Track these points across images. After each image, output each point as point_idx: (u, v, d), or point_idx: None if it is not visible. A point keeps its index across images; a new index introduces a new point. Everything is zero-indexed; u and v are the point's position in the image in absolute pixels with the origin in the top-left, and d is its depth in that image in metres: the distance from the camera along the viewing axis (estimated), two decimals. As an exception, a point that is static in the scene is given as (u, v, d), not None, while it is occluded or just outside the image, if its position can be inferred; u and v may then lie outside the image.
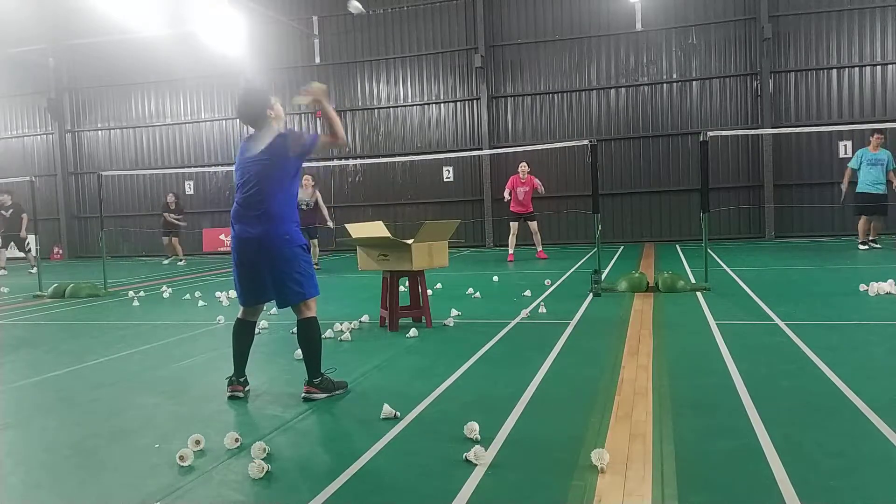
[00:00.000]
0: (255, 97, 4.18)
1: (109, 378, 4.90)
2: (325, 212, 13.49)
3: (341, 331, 6.17)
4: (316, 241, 13.45)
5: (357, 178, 20.21)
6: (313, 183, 13.29)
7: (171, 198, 17.66)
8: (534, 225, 13.79)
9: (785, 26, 17.24)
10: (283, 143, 4.06)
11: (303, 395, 4.09)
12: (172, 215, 17.47)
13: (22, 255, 16.82)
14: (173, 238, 17.52)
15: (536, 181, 13.53)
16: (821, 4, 17.01)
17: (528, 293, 8.37)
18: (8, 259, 16.63)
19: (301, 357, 4.28)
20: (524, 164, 13.53)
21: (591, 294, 8.04)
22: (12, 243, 16.17)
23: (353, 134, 20.19)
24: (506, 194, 13.62)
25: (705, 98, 17.83)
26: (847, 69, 17.02)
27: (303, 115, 20.39)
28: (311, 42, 20.19)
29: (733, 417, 3.42)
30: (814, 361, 4.49)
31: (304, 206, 12.77)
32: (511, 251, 13.93)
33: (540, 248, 13.97)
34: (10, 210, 15.99)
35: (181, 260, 17.47)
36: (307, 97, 4.17)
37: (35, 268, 15.76)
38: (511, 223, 13.85)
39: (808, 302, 7.05)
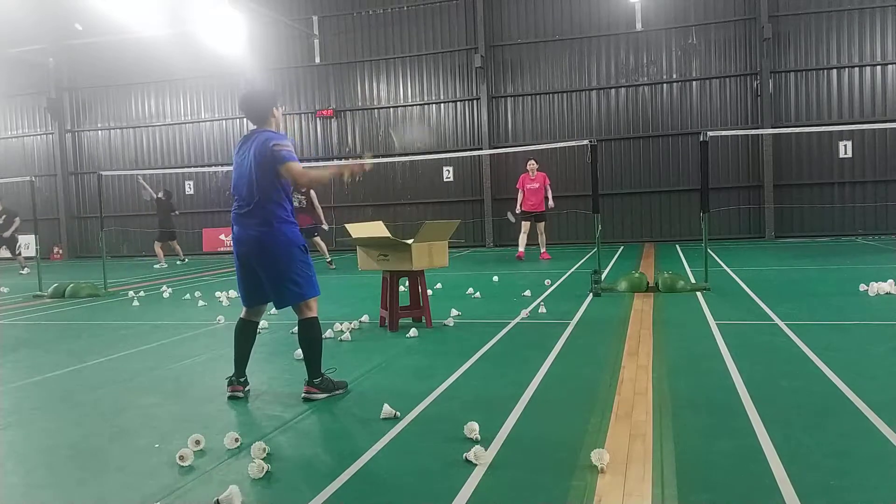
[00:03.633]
0: (261, 97, 4.19)
1: (109, 378, 4.90)
2: (321, 212, 13.38)
3: (341, 331, 6.17)
4: (318, 238, 13.40)
5: (357, 178, 20.20)
6: None
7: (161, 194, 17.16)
8: (541, 226, 13.62)
9: (785, 26, 17.25)
10: (270, 145, 3.98)
11: (303, 395, 4.08)
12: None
13: (10, 256, 16.74)
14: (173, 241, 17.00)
15: (548, 180, 13.41)
16: (821, 4, 17.02)
17: (528, 293, 8.36)
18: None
19: (301, 357, 4.28)
20: (533, 160, 13.37)
21: (591, 294, 8.03)
22: (4, 246, 16.14)
23: (353, 134, 20.20)
24: (518, 200, 13.43)
25: (705, 98, 17.84)
26: (847, 69, 17.03)
27: (302, 114, 20.39)
28: (311, 42, 20.19)
29: (733, 417, 3.42)
30: (814, 361, 4.49)
31: (295, 203, 12.76)
32: (521, 248, 13.74)
33: (544, 249, 13.90)
34: (3, 216, 15.96)
35: (182, 259, 17.40)
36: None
37: (26, 268, 15.80)
38: (522, 222, 13.59)
39: (808, 302, 7.05)
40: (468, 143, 19.26)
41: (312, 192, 13.34)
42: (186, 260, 17.44)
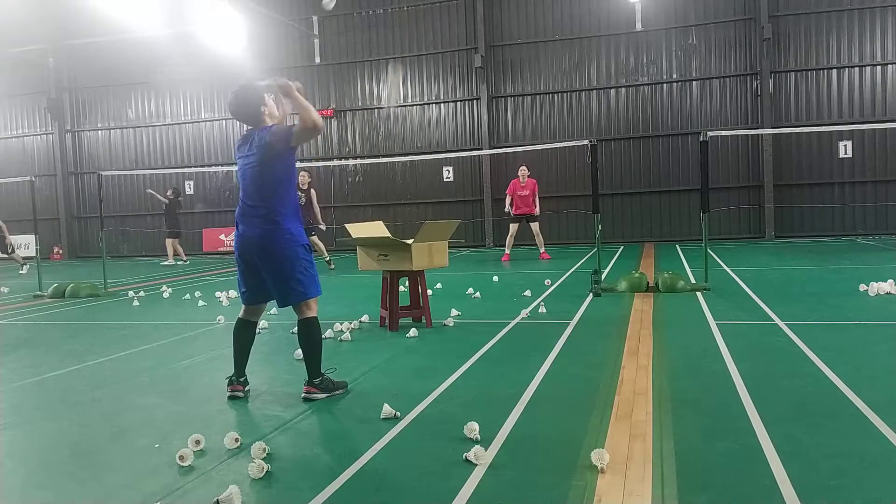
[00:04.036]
0: (248, 95, 4.11)
1: (109, 378, 4.90)
2: (318, 212, 13.34)
3: (341, 331, 6.17)
4: (316, 237, 13.36)
5: (357, 178, 20.21)
6: (309, 180, 13.26)
7: (170, 193, 17.08)
8: (535, 226, 13.68)
9: (785, 26, 17.25)
10: (268, 139, 3.97)
11: (303, 395, 4.08)
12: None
13: (5, 256, 16.68)
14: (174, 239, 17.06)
15: (536, 186, 13.55)
16: (821, 4, 17.02)
17: (528, 293, 8.36)
18: None
19: (301, 357, 4.28)
20: (524, 167, 13.49)
21: (591, 294, 8.03)
22: None
23: (353, 134, 20.20)
24: (507, 202, 13.54)
25: (705, 98, 17.84)
26: (847, 69, 17.03)
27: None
28: (311, 42, 20.20)
29: (733, 417, 3.42)
30: (814, 361, 4.49)
31: None
32: (507, 251, 13.91)
33: (542, 250, 13.92)
34: None
35: (183, 260, 17.34)
36: (275, 84, 4.02)
37: (25, 266, 15.80)
38: (511, 224, 13.76)
39: (808, 302, 7.05)
40: (468, 143, 19.26)
41: (313, 190, 13.33)
42: (188, 261, 17.41)
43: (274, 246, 3.99)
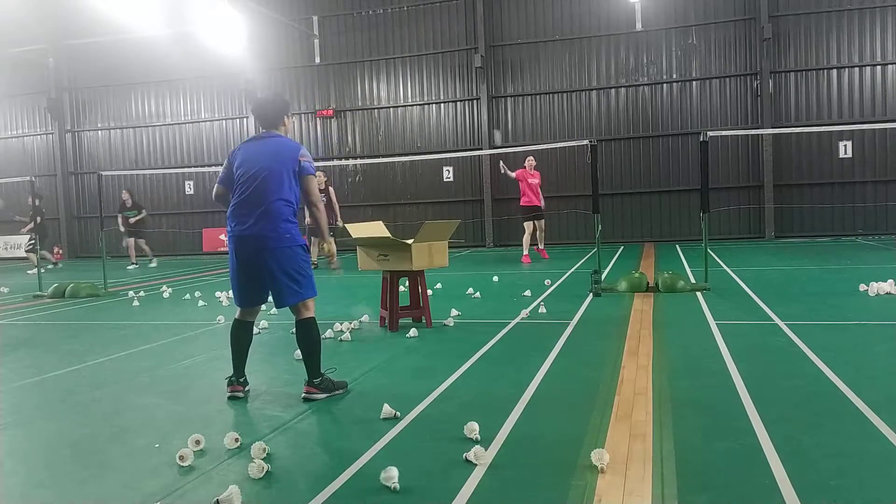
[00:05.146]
0: (278, 103, 4.33)
1: (109, 378, 4.90)
2: (338, 210, 13.28)
3: (341, 331, 6.17)
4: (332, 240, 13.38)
5: (357, 178, 20.20)
6: (325, 178, 13.25)
7: (125, 195, 16.33)
8: (541, 223, 13.55)
9: (785, 26, 17.25)
10: (297, 153, 4.15)
11: (303, 395, 4.09)
12: (129, 213, 16.18)
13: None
14: (138, 240, 16.42)
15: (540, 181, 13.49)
16: (821, 4, 17.01)
17: (528, 293, 8.36)
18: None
19: (301, 357, 4.29)
20: (531, 157, 13.36)
21: (591, 294, 8.04)
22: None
23: (353, 134, 20.20)
24: (511, 174, 13.07)
25: (705, 98, 17.83)
26: (847, 69, 17.02)
27: (302, 114, 20.39)
28: (311, 42, 20.19)
29: (733, 417, 3.43)
30: (814, 361, 4.49)
31: None
32: (526, 251, 13.57)
33: (542, 247, 13.86)
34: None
35: (152, 261, 16.69)
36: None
37: (55, 265, 15.92)
38: (525, 223, 13.41)
39: (808, 302, 7.05)
40: (468, 143, 19.25)
41: (331, 188, 13.30)
42: (136, 265, 16.37)
43: (272, 245, 3.99)
